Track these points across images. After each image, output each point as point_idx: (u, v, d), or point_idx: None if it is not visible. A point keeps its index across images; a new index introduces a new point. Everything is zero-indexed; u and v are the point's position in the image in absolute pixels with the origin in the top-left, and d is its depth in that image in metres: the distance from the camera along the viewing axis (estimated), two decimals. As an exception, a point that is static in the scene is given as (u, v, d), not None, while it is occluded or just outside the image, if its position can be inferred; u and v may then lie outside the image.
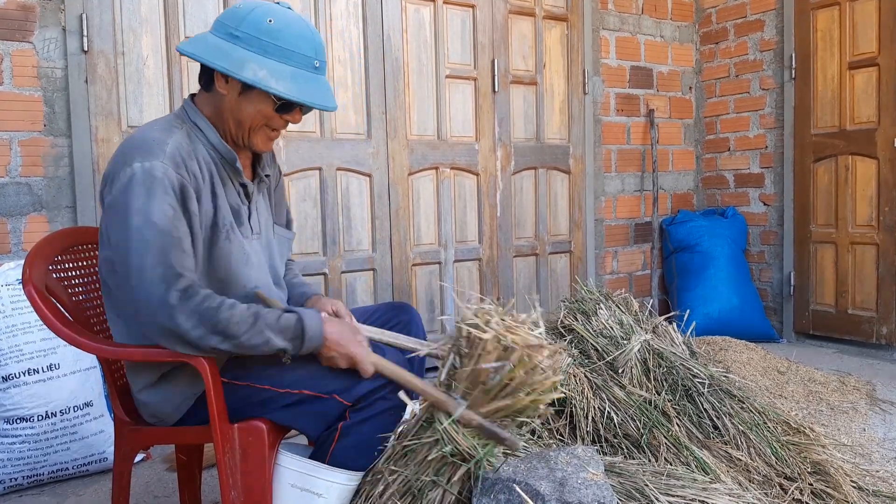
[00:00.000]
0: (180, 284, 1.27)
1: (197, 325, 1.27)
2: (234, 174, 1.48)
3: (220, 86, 1.41)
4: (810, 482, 1.85)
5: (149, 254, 1.27)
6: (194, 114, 1.46)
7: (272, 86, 1.36)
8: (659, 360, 2.05)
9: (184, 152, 1.37)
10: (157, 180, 1.30)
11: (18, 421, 2.14)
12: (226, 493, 1.34)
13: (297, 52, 1.39)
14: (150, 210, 1.28)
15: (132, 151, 1.33)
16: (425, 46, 3.37)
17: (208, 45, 1.38)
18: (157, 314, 1.27)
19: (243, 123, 1.44)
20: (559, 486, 1.41)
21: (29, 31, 2.48)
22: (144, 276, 1.26)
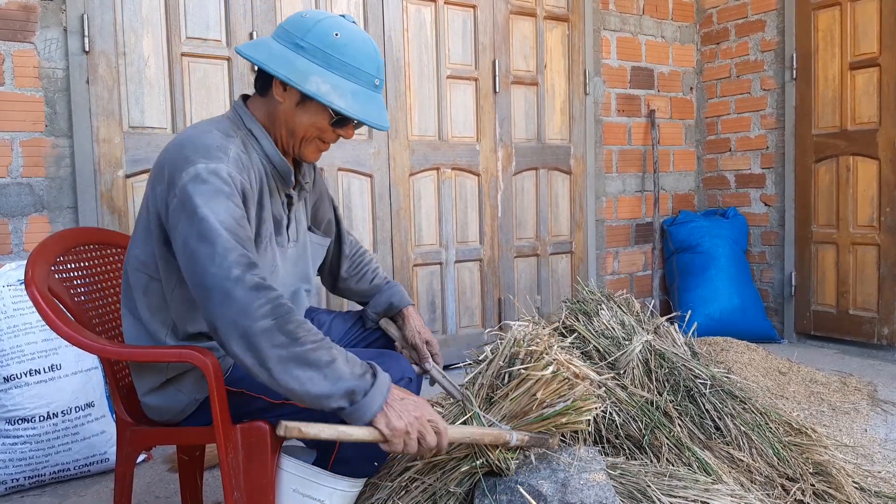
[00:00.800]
0: (257, 272, 1.23)
1: (268, 315, 1.19)
2: (283, 185, 1.47)
3: (277, 93, 1.40)
4: (812, 483, 1.85)
5: (220, 240, 1.21)
6: (249, 120, 1.44)
7: (334, 101, 1.34)
8: (660, 360, 2.05)
9: (243, 161, 1.36)
10: (223, 181, 1.27)
11: (20, 421, 2.14)
12: (228, 494, 1.34)
13: (360, 69, 1.38)
14: (218, 208, 1.24)
15: (194, 154, 1.30)
16: (426, 47, 3.37)
17: (272, 52, 1.36)
18: (234, 292, 1.19)
19: (296, 134, 1.43)
20: (561, 487, 1.41)
21: (30, 31, 2.49)
22: (216, 260, 1.20)
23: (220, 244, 1.22)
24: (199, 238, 1.23)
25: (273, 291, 1.23)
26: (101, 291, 1.62)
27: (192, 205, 1.25)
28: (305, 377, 1.19)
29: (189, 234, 1.24)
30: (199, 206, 1.24)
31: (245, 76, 2.89)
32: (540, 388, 1.42)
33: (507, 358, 1.52)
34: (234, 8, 2.86)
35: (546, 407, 1.42)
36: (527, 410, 1.44)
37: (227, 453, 1.33)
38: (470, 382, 1.55)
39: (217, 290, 1.20)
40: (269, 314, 1.19)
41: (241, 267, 1.21)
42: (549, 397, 1.42)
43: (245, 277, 1.20)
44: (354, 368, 1.24)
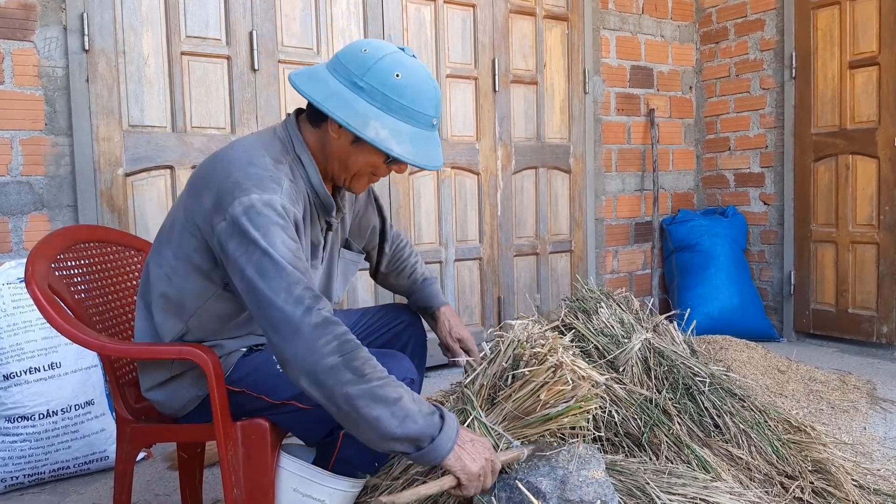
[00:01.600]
0: (322, 304, 1.22)
1: (335, 353, 1.19)
2: (324, 213, 1.47)
3: (332, 129, 1.37)
4: (811, 481, 1.85)
5: (281, 278, 1.21)
6: (300, 146, 1.42)
7: (392, 148, 1.32)
8: (660, 358, 2.05)
9: (293, 192, 1.35)
10: (277, 213, 1.26)
11: (20, 419, 2.14)
12: (228, 491, 1.34)
13: (419, 112, 1.35)
14: (274, 242, 1.23)
15: (246, 181, 1.29)
16: (426, 46, 3.37)
17: (329, 90, 1.32)
18: (301, 328, 1.19)
19: (350, 169, 1.42)
20: (560, 485, 1.41)
21: (30, 29, 2.49)
22: (281, 297, 1.20)
23: (285, 278, 1.21)
24: (260, 272, 1.22)
25: (339, 327, 1.22)
26: (102, 289, 1.63)
27: (250, 237, 1.23)
28: (374, 416, 1.18)
29: (249, 266, 1.23)
30: (258, 238, 1.23)
31: (244, 75, 2.89)
32: (544, 389, 1.43)
33: (511, 359, 1.52)
34: (233, 7, 2.86)
35: (549, 407, 1.42)
36: (529, 411, 1.44)
37: (227, 450, 1.34)
38: (470, 383, 1.56)
39: (284, 326, 1.20)
40: (335, 351, 1.19)
41: (308, 300, 1.21)
42: (553, 398, 1.43)
43: (312, 313, 1.20)
44: (422, 407, 1.23)
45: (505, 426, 1.46)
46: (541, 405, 1.43)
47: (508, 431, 1.45)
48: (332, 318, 1.22)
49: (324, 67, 1.38)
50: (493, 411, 1.47)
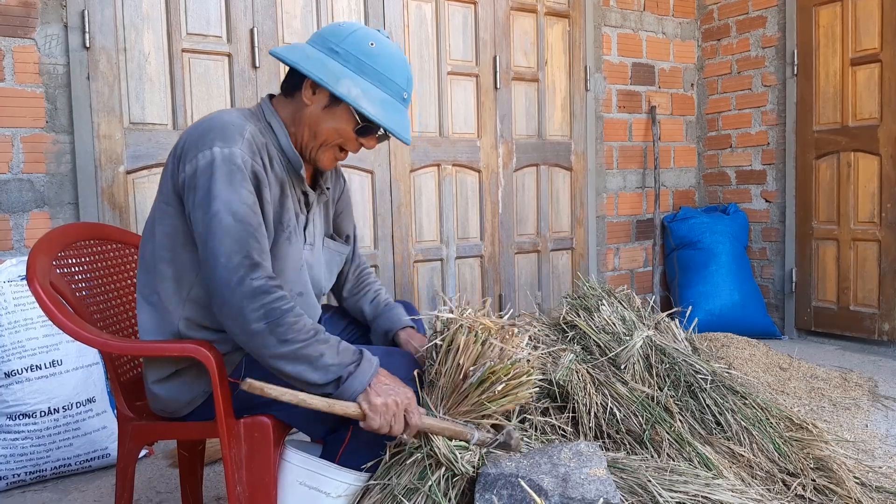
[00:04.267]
0: (257, 274, 1.28)
1: (260, 319, 1.27)
2: (297, 181, 1.48)
3: (306, 95, 1.42)
4: (813, 478, 1.85)
5: (228, 239, 1.28)
6: (270, 114, 1.46)
7: (363, 105, 1.37)
8: (661, 356, 2.05)
9: (260, 142, 1.38)
10: (236, 166, 1.30)
11: (21, 417, 2.14)
12: (231, 488, 1.34)
13: (391, 80, 1.41)
14: (230, 197, 1.29)
15: (211, 133, 1.33)
16: (427, 43, 3.37)
17: (307, 54, 1.40)
18: (230, 297, 1.27)
19: (318, 137, 1.44)
20: (562, 482, 1.41)
21: (30, 27, 2.48)
22: (221, 262, 1.27)
23: (228, 244, 1.28)
24: (210, 231, 1.29)
25: (269, 295, 1.28)
26: (103, 286, 1.62)
27: (205, 195, 1.29)
28: (297, 371, 1.29)
29: (201, 222, 1.30)
30: (213, 198, 1.29)
31: (245, 72, 2.89)
32: (461, 355, 1.43)
33: (432, 335, 1.52)
34: (234, 4, 2.86)
35: (472, 375, 1.41)
36: (456, 383, 1.43)
37: (230, 448, 1.34)
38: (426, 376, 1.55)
39: (218, 293, 1.29)
40: (261, 318, 1.27)
41: (243, 270, 1.28)
42: (471, 363, 1.42)
43: (245, 282, 1.27)
44: (344, 359, 1.32)
45: (446, 406, 1.45)
46: (463, 374, 1.42)
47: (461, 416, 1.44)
48: (265, 286, 1.28)
49: (303, 43, 1.46)
50: (433, 393, 1.46)
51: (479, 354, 1.42)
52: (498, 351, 1.43)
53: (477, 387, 1.43)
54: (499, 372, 1.42)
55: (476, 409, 1.45)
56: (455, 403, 1.45)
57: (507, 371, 1.43)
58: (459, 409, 1.45)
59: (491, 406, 1.44)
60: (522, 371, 1.46)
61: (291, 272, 1.44)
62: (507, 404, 1.46)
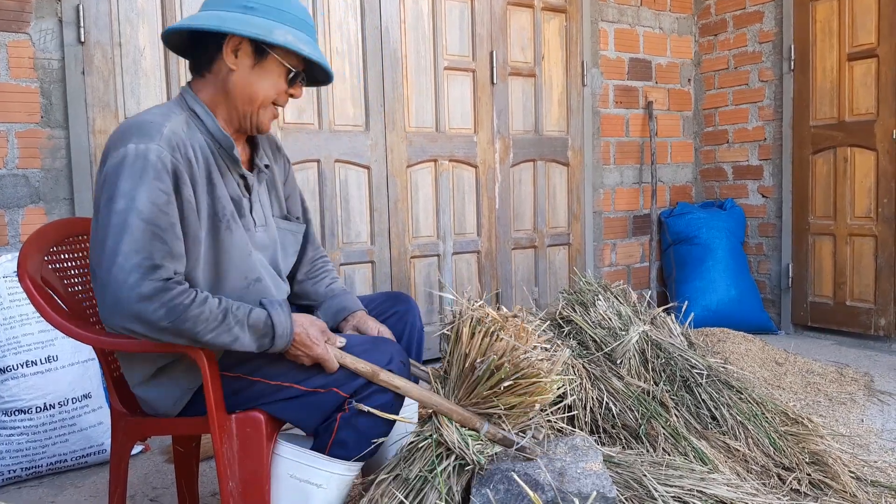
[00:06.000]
0: (155, 275, 1.24)
1: (164, 318, 1.24)
2: (233, 164, 1.45)
3: (229, 61, 1.39)
4: (808, 472, 1.85)
5: (128, 239, 1.23)
6: (192, 101, 1.43)
7: (301, 48, 1.38)
8: (657, 351, 2.05)
9: (181, 137, 1.34)
10: (149, 163, 1.26)
11: (17, 413, 2.14)
12: (224, 484, 1.34)
13: (306, 22, 1.43)
14: (137, 195, 1.24)
15: (129, 132, 1.31)
16: (423, 38, 3.36)
17: (221, 17, 1.37)
18: (126, 299, 1.22)
19: (255, 98, 1.42)
20: (558, 476, 1.41)
21: (25, 21, 2.47)
22: (118, 261, 1.22)
23: (128, 244, 1.23)
24: (111, 231, 1.24)
25: (168, 293, 1.24)
26: (97, 282, 1.62)
27: (113, 190, 1.26)
28: (218, 349, 1.34)
29: (104, 222, 1.26)
30: (119, 195, 1.25)
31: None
32: (467, 345, 1.42)
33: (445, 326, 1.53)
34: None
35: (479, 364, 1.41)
36: (465, 375, 1.43)
37: (223, 443, 1.33)
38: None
39: (110, 294, 1.23)
40: (164, 317, 1.24)
41: (141, 271, 1.23)
42: (478, 354, 1.41)
43: (142, 285, 1.23)
44: (256, 333, 1.33)
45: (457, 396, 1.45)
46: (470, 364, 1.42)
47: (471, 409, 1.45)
48: (164, 285, 1.24)
49: (205, 12, 1.42)
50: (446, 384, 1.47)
51: (487, 346, 1.41)
52: (506, 345, 1.41)
53: (486, 381, 1.42)
54: (505, 367, 1.40)
55: (483, 403, 1.44)
56: (465, 395, 1.45)
57: (517, 367, 1.40)
58: (469, 400, 1.45)
59: (498, 403, 1.42)
60: (534, 372, 1.42)
61: (239, 260, 1.41)
62: (517, 403, 1.44)
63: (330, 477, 1.37)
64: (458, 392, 1.46)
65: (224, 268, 1.40)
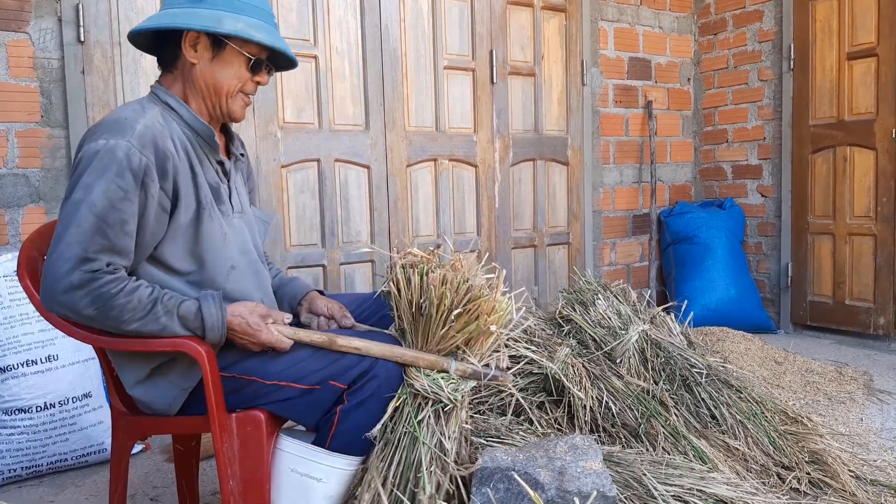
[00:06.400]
0: (87, 267, 1.26)
1: (90, 306, 1.27)
2: (212, 151, 1.47)
3: (189, 55, 1.41)
4: (808, 471, 1.86)
5: (74, 229, 1.26)
6: (164, 94, 1.45)
7: (253, 35, 1.38)
8: (657, 350, 2.05)
9: (156, 131, 1.35)
10: (115, 159, 1.28)
11: (17, 412, 2.14)
12: (224, 483, 1.34)
13: (259, 8, 1.43)
14: (94, 188, 1.27)
15: (101, 128, 1.33)
16: (423, 37, 3.36)
17: (173, 14, 1.39)
18: (56, 285, 1.26)
19: (220, 89, 1.44)
20: (558, 475, 1.41)
21: (24, 21, 2.47)
22: (59, 248, 1.26)
23: (73, 234, 1.26)
24: (62, 219, 1.29)
25: (95, 282, 1.27)
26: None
27: (75, 182, 1.29)
28: (147, 336, 1.34)
29: (64, 205, 1.30)
30: (78, 187, 1.28)
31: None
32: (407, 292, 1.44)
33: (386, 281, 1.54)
34: (229, -2, 2.84)
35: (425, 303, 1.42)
36: (417, 321, 1.45)
37: (223, 442, 1.33)
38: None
39: (46, 276, 1.28)
40: (90, 305, 1.27)
41: (74, 261, 1.26)
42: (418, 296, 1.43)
43: (72, 274, 1.26)
44: (186, 324, 1.34)
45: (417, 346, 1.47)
46: (414, 307, 1.43)
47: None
48: (93, 276, 1.26)
49: (159, 12, 1.44)
50: (404, 339, 1.48)
51: (427, 286, 1.41)
52: (440, 277, 1.41)
53: (437, 318, 1.42)
54: (446, 296, 1.40)
55: (444, 343, 1.45)
56: (424, 341, 1.46)
57: (459, 293, 1.40)
58: (429, 345, 1.46)
59: (458, 336, 1.43)
60: (478, 294, 1.42)
61: (218, 248, 1.43)
62: (473, 329, 1.44)
63: (330, 471, 1.36)
64: (416, 340, 1.47)
65: (205, 257, 1.41)
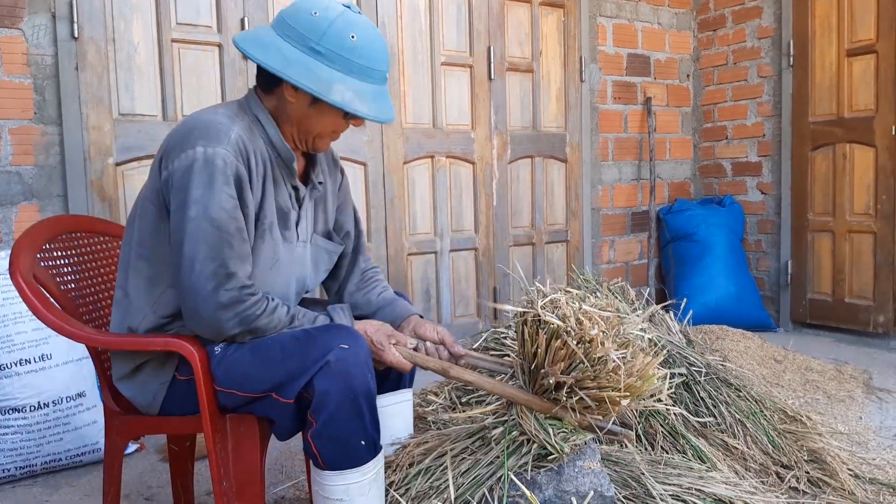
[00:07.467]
0: (231, 284, 1.29)
1: (236, 326, 1.31)
2: (288, 175, 1.46)
3: (288, 94, 1.38)
4: (807, 470, 1.85)
5: (203, 246, 1.27)
6: (257, 107, 1.43)
7: (357, 108, 1.35)
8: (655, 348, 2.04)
9: (245, 143, 1.35)
10: (217, 169, 1.28)
11: (11, 412, 2.12)
12: (217, 483, 1.32)
13: (375, 69, 1.39)
14: (209, 202, 1.27)
15: (196, 133, 1.31)
16: (420, 33, 3.34)
17: (287, 57, 1.33)
18: (203, 307, 1.29)
19: (311, 131, 1.43)
20: (556, 475, 1.40)
21: (18, 17, 2.45)
22: (196, 268, 1.28)
23: (203, 251, 1.28)
24: (185, 237, 1.28)
25: (242, 304, 1.30)
26: (90, 280, 1.60)
27: (184, 198, 1.29)
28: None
29: (178, 227, 1.29)
30: (191, 201, 1.28)
31: (236, 63, 2.86)
32: (532, 346, 1.37)
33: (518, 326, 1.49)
34: (225, -7, 2.83)
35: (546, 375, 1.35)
36: (536, 375, 1.38)
37: (215, 442, 1.32)
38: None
39: (190, 299, 1.30)
40: (236, 326, 1.31)
41: (217, 280, 1.28)
42: (542, 360, 1.35)
43: (218, 293, 1.28)
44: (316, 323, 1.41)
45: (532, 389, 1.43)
46: (537, 365, 1.37)
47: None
48: (239, 296, 1.30)
49: (270, 30, 1.39)
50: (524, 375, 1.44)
51: (554, 351, 1.32)
52: (571, 353, 1.31)
53: (555, 389, 1.36)
54: (568, 382, 1.32)
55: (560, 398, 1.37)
56: (540, 390, 1.41)
57: (586, 375, 1.31)
58: (545, 396, 1.41)
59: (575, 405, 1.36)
60: (608, 375, 1.32)
61: (262, 268, 1.40)
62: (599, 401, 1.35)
63: (347, 488, 1.32)
64: (532, 386, 1.42)
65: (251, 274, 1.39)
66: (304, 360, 1.30)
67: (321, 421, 1.29)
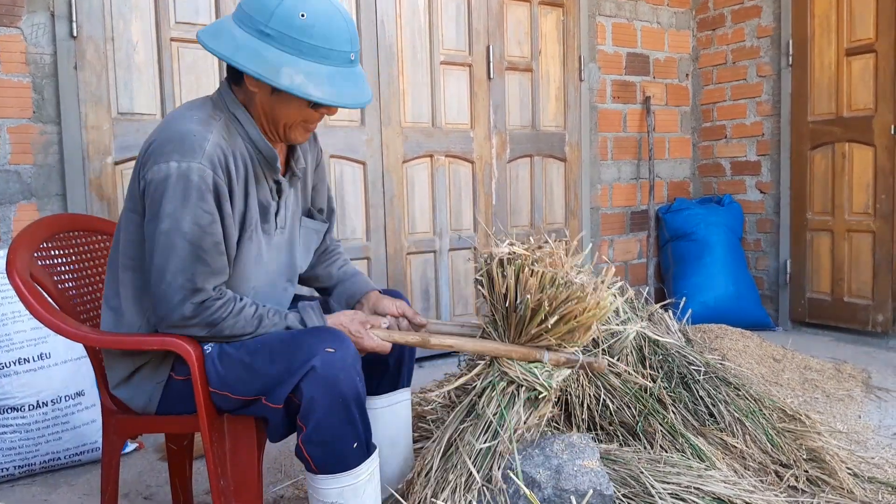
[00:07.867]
0: (197, 298, 1.30)
1: (203, 330, 1.33)
2: (270, 171, 1.43)
3: (250, 84, 1.34)
4: (806, 469, 1.85)
5: (173, 259, 1.28)
6: (233, 104, 1.38)
7: (310, 92, 1.27)
8: (654, 347, 2.04)
9: (223, 149, 1.31)
10: (192, 185, 1.26)
11: (9, 411, 2.12)
12: (214, 482, 1.32)
13: (332, 50, 1.30)
14: (181, 217, 1.26)
15: (170, 146, 1.28)
16: (419, 32, 3.33)
17: (237, 43, 1.28)
18: (169, 316, 1.31)
19: (278, 122, 1.38)
20: (555, 474, 1.40)
21: (17, 15, 2.44)
22: (166, 278, 1.29)
23: (173, 264, 1.28)
24: (156, 250, 1.29)
25: (207, 311, 1.31)
26: (87, 279, 1.60)
27: (157, 211, 1.28)
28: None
29: (151, 236, 1.30)
30: (163, 216, 1.28)
31: (236, 62, 2.86)
32: (501, 286, 1.46)
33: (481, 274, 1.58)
34: (223, -8, 2.82)
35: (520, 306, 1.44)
36: (510, 316, 1.47)
37: (213, 442, 1.32)
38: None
39: (159, 306, 1.32)
40: (202, 329, 1.33)
41: (184, 293, 1.29)
42: (514, 294, 1.44)
43: (185, 305, 1.30)
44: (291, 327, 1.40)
45: (510, 337, 1.50)
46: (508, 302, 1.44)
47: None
48: (203, 306, 1.31)
49: (230, 19, 1.34)
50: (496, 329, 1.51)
51: (523, 284, 1.42)
52: (539, 279, 1.41)
53: (530, 321, 1.44)
54: (543, 305, 1.40)
55: (537, 337, 1.48)
56: (517, 335, 1.49)
57: (557, 298, 1.40)
58: (522, 340, 1.50)
59: (549, 336, 1.45)
60: (577, 295, 1.41)
61: (248, 268, 1.41)
62: (571, 329, 1.45)
63: (340, 491, 1.32)
64: (509, 333, 1.50)
65: (237, 273, 1.40)
66: (290, 365, 1.28)
67: (310, 426, 1.28)
